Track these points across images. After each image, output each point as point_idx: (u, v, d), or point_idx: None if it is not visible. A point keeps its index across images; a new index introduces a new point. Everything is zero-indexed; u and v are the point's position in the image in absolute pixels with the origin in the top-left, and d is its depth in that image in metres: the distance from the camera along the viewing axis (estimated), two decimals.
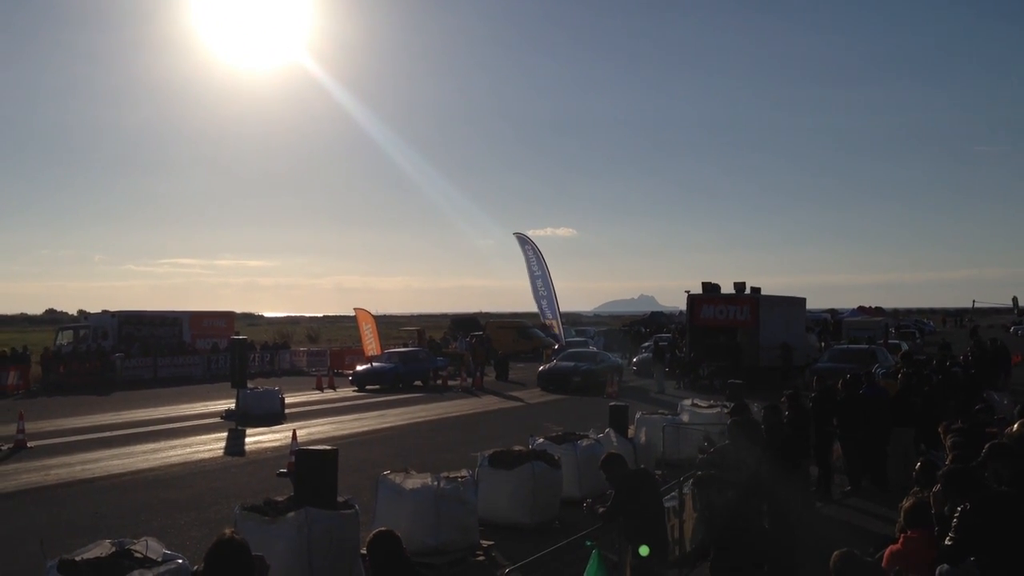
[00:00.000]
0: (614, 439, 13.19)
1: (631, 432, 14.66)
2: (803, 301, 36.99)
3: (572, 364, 31.82)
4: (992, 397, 16.11)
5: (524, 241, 40.41)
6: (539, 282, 39.69)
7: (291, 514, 8.05)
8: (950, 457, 7.42)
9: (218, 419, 22.83)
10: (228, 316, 46.97)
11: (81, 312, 43.90)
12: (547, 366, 33.28)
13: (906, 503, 6.22)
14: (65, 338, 39.01)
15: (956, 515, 5.34)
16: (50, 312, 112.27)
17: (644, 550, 7.15)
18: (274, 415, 23.17)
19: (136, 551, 6.21)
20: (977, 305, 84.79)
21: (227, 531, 4.76)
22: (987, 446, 6.26)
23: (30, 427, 19.11)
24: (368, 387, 32.16)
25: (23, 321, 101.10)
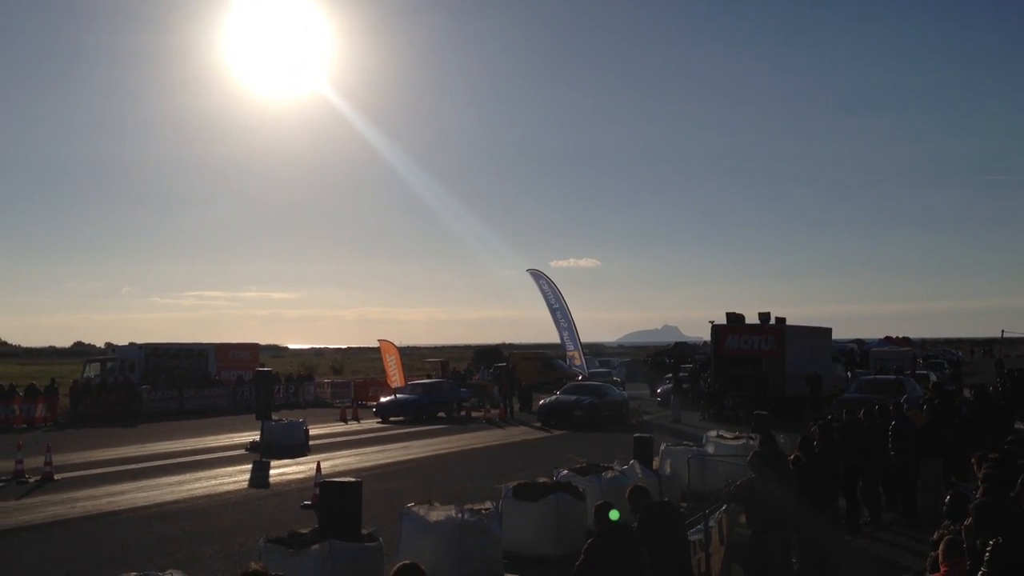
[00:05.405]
0: (639, 471, 13.11)
1: (656, 464, 14.56)
2: (829, 331, 36.70)
3: (574, 398, 30.20)
4: None
5: (538, 276, 40.39)
6: (558, 314, 39.68)
7: (315, 546, 8.06)
8: (981, 490, 7.29)
9: (243, 451, 22.92)
10: (253, 348, 47.37)
11: (108, 344, 44.16)
12: (548, 399, 31.56)
13: (938, 537, 6.11)
14: (93, 370, 39.34)
15: (989, 549, 5.25)
16: (78, 344, 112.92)
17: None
18: (298, 447, 23.20)
19: None
20: (1006, 335, 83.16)
21: (253, 564, 4.79)
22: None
23: (57, 459, 19.24)
24: (392, 419, 32.18)
25: (52, 353, 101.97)
